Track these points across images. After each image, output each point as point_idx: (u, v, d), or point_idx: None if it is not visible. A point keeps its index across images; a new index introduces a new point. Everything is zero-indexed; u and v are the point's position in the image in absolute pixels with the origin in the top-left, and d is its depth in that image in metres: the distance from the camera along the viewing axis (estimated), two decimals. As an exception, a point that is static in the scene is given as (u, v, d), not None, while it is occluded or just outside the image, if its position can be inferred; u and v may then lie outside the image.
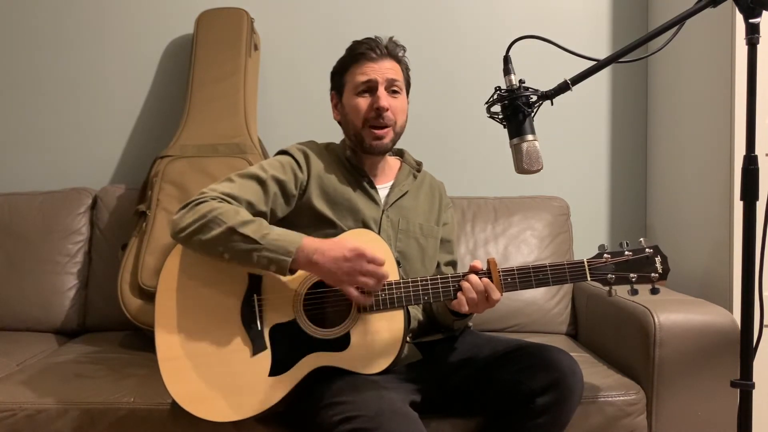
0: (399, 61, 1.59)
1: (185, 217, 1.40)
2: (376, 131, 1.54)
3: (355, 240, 1.42)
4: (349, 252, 1.33)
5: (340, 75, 1.60)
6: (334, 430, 1.25)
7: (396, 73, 1.57)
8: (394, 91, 1.56)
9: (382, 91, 1.53)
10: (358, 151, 1.60)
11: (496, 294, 1.36)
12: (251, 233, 1.35)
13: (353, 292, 1.34)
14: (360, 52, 1.55)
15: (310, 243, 1.36)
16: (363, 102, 1.54)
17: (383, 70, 1.54)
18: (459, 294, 1.38)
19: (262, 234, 1.35)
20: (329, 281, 1.36)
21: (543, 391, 1.37)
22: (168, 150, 2.16)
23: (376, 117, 1.53)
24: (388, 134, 1.55)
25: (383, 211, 1.58)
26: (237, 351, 1.39)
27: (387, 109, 1.53)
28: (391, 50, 1.57)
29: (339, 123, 1.64)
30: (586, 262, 1.39)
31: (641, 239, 1.41)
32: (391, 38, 1.59)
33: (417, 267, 1.59)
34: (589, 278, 1.39)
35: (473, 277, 1.38)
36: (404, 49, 1.60)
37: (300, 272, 1.40)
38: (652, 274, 1.38)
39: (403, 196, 1.63)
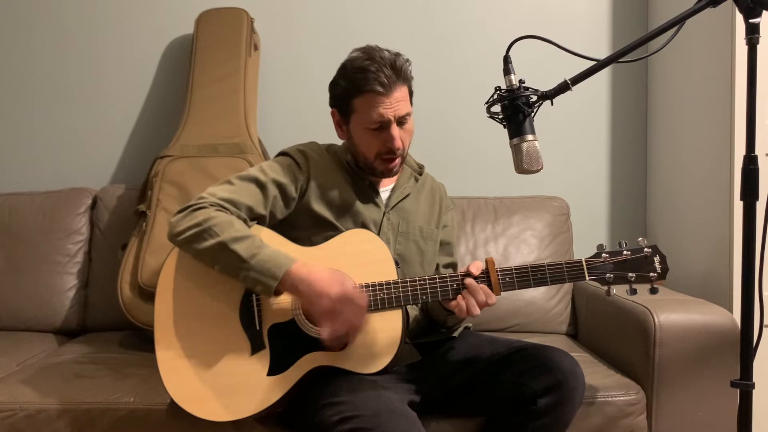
0: (406, 80, 1.49)
1: (182, 222, 1.40)
2: (389, 164, 1.52)
3: (353, 244, 1.43)
4: (335, 290, 1.32)
5: (345, 100, 1.51)
6: (332, 430, 1.25)
7: (405, 102, 1.49)
8: (404, 121, 1.50)
9: (395, 128, 1.48)
10: (368, 174, 1.57)
11: (492, 299, 1.36)
12: (241, 251, 1.34)
13: (325, 331, 1.32)
14: (369, 88, 1.44)
15: (299, 270, 1.34)
16: (375, 139, 1.49)
17: (394, 105, 1.46)
18: (459, 300, 1.37)
19: (251, 253, 1.35)
20: (308, 311, 1.36)
21: (544, 392, 1.37)
22: (168, 150, 2.16)
23: (389, 152, 1.50)
24: (398, 162, 1.54)
25: (384, 213, 1.58)
26: (236, 351, 1.39)
27: (400, 147, 1.50)
28: (399, 72, 1.47)
29: (342, 138, 1.61)
30: (584, 262, 1.39)
31: (640, 239, 1.41)
32: (396, 56, 1.48)
33: (416, 270, 1.58)
34: (587, 278, 1.39)
35: (473, 286, 1.37)
36: (410, 63, 1.50)
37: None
38: (651, 274, 1.38)
39: (405, 198, 1.62)
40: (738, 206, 1.58)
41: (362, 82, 1.46)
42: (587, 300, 2.11)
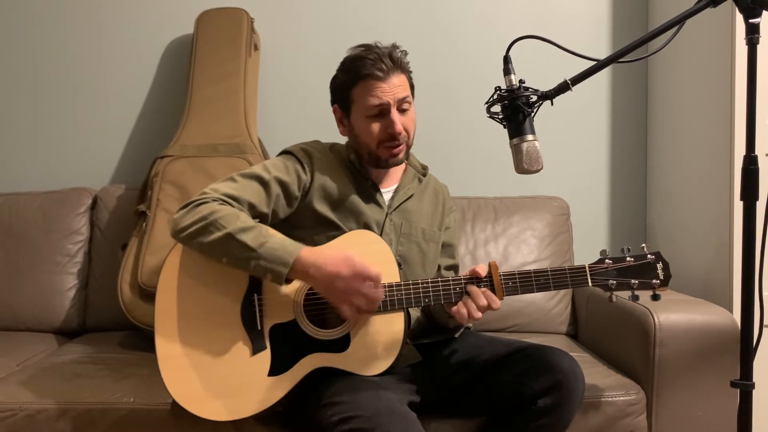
0: (404, 70, 1.52)
1: (185, 217, 1.39)
2: (392, 150, 1.52)
3: (355, 245, 1.43)
4: (347, 270, 1.32)
5: (344, 91, 1.53)
6: (332, 430, 1.25)
7: (405, 87, 1.50)
8: (405, 107, 1.51)
9: (395, 113, 1.48)
10: (372, 166, 1.58)
11: (495, 303, 1.36)
12: (249, 241, 1.34)
13: (345, 310, 1.33)
14: (367, 72, 1.47)
15: (308, 255, 1.34)
16: (376, 125, 1.50)
17: (393, 89, 1.48)
18: (461, 308, 1.36)
19: (260, 242, 1.34)
20: (323, 295, 1.36)
21: (544, 392, 1.37)
22: (168, 150, 2.16)
23: (391, 139, 1.50)
24: (402, 149, 1.54)
25: (387, 214, 1.58)
26: (237, 351, 1.39)
27: (401, 132, 1.50)
28: (396, 62, 1.49)
29: (344, 135, 1.61)
30: (587, 268, 1.39)
31: (643, 245, 1.41)
32: (393, 46, 1.51)
33: (417, 271, 1.58)
34: (590, 284, 1.38)
35: (475, 292, 1.36)
36: (406, 53, 1.53)
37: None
38: (654, 281, 1.38)
39: (408, 199, 1.62)
40: (738, 206, 1.58)
41: (360, 69, 1.48)
42: (587, 300, 2.11)
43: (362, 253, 1.42)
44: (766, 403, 1.72)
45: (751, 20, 1.25)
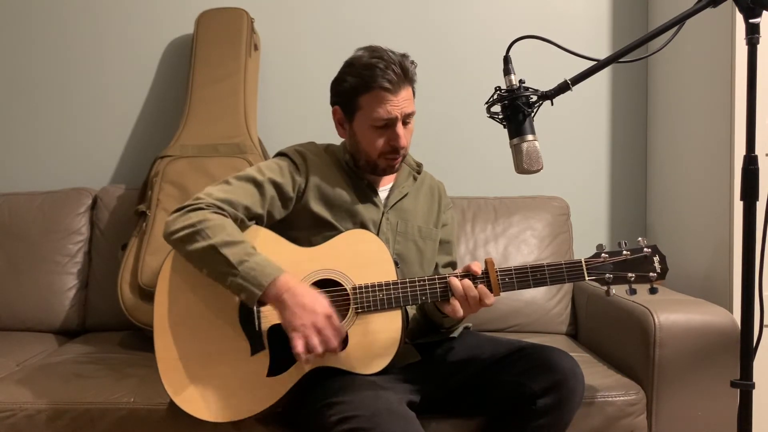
0: (411, 81, 1.50)
1: (176, 221, 1.40)
2: (392, 162, 1.53)
3: (352, 244, 1.44)
4: (319, 307, 1.32)
5: (351, 97, 1.50)
6: (331, 430, 1.25)
7: (411, 102, 1.49)
8: (408, 121, 1.51)
9: (400, 127, 1.48)
10: (368, 172, 1.57)
11: (489, 299, 1.36)
12: (231, 256, 1.33)
13: (299, 343, 1.30)
14: (378, 84, 1.44)
15: (285, 281, 1.33)
16: (379, 137, 1.49)
17: (401, 103, 1.46)
18: (453, 302, 1.36)
19: (240, 260, 1.33)
20: (285, 323, 1.33)
21: (544, 392, 1.37)
22: (168, 150, 2.16)
23: (393, 151, 1.51)
24: (400, 160, 1.54)
25: (383, 213, 1.58)
26: (235, 351, 1.39)
27: (404, 146, 1.51)
28: (406, 73, 1.47)
29: (343, 137, 1.61)
30: (583, 262, 1.38)
31: (640, 239, 1.41)
32: (403, 57, 1.48)
33: (415, 270, 1.58)
34: (586, 278, 1.38)
35: (465, 283, 1.36)
36: (415, 65, 1.50)
37: (298, 273, 1.39)
38: (651, 274, 1.38)
39: (403, 198, 1.62)
40: (738, 206, 1.58)
41: (370, 79, 1.45)
42: (587, 300, 2.11)
43: (359, 252, 1.43)
44: (766, 403, 1.72)
45: (751, 20, 1.25)
